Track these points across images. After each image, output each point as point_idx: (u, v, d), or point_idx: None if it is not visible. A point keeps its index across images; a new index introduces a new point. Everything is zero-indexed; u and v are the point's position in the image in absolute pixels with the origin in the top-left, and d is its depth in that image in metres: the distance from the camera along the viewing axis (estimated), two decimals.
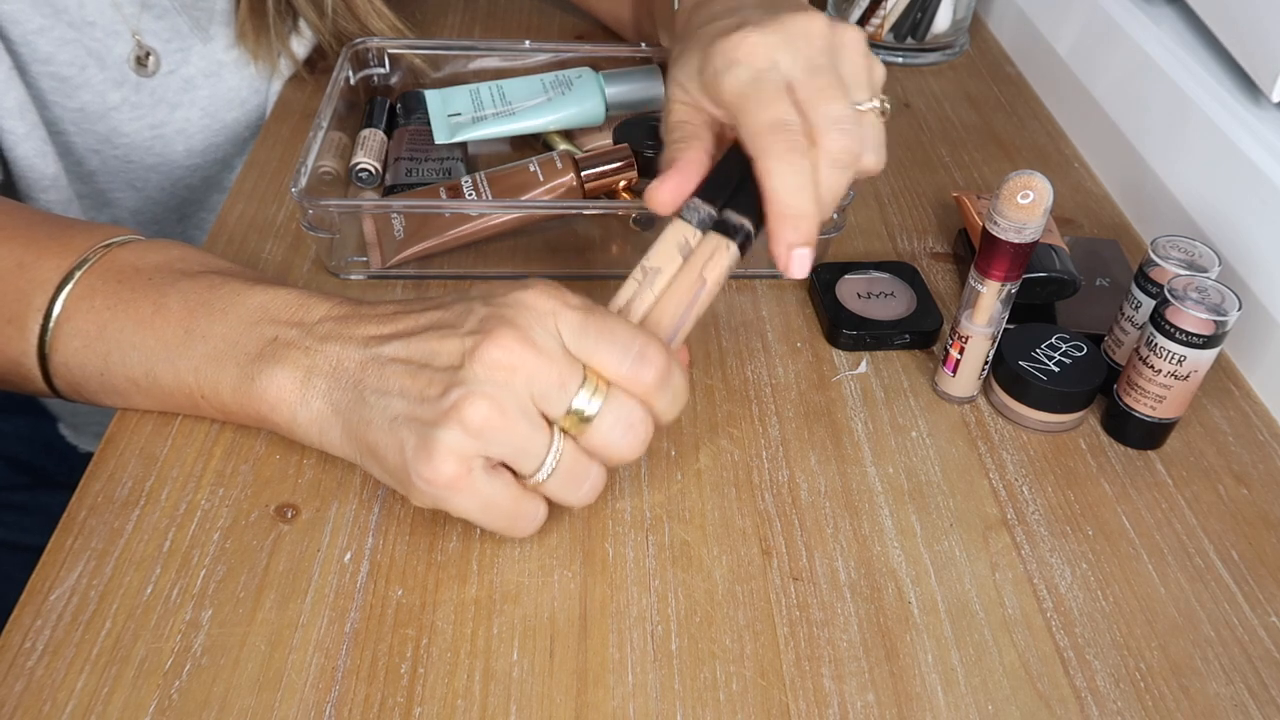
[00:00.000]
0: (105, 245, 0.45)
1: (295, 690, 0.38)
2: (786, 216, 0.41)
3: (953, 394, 0.52)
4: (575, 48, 0.70)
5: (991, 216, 0.46)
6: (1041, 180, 0.45)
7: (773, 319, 0.56)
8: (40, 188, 0.63)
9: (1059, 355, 0.50)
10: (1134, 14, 0.70)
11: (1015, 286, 0.48)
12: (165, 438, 0.47)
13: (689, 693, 0.39)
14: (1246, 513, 0.48)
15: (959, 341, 0.50)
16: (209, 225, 0.61)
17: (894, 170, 0.70)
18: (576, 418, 0.39)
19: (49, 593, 0.40)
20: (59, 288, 0.44)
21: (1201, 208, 0.60)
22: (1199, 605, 0.44)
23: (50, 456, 0.73)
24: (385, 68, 0.70)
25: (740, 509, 0.46)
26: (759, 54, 0.42)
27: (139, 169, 0.68)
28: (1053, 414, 0.50)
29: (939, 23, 0.82)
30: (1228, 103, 0.60)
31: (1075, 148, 0.74)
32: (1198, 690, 0.41)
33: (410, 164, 0.62)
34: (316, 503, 0.45)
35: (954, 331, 0.51)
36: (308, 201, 0.53)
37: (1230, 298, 0.47)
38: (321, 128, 0.58)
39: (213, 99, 0.69)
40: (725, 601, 0.42)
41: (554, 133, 0.66)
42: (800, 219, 0.41)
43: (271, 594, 0.41)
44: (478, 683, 0.39)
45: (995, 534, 0.46)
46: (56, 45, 0.60)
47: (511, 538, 0.43)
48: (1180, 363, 0.47)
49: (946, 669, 0.40)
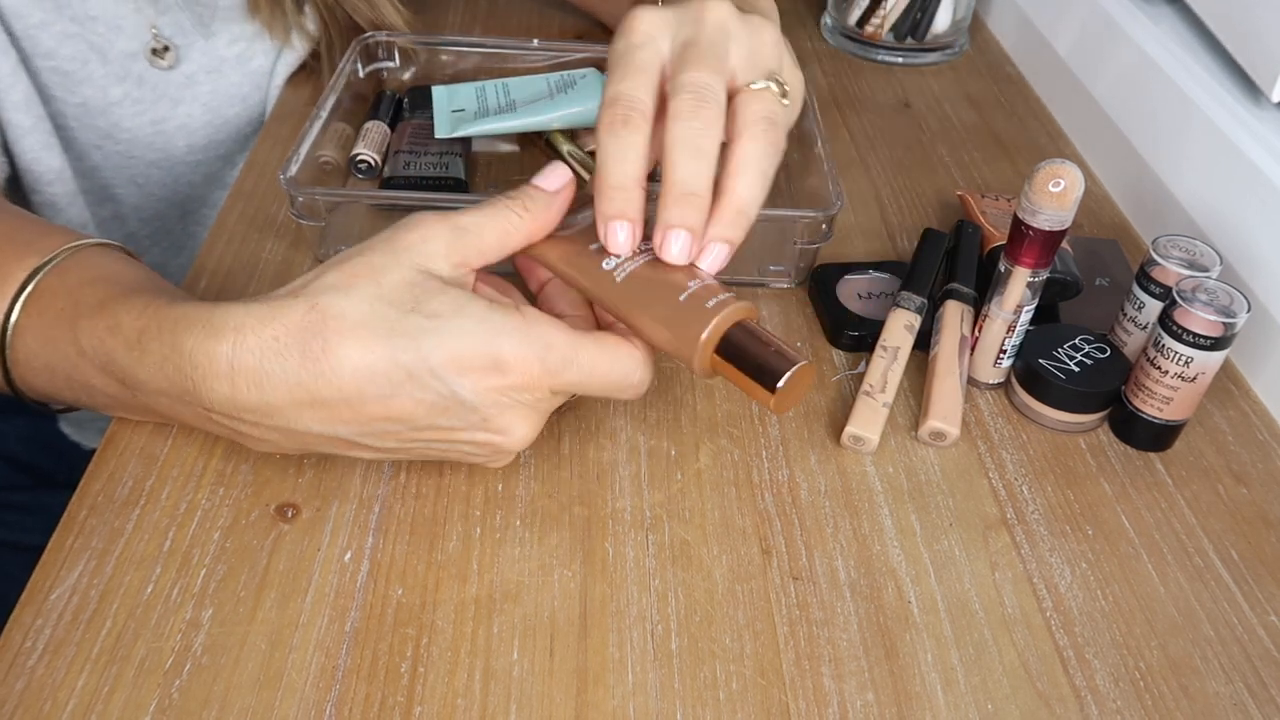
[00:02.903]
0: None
1: (295, 689, 0.38)
2: (605, 188, 0.40)
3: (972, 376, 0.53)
4: (586, 48, 0.70)
5: (1023, 204, 0.47)
6: (1072, 168, 0.46)
7: (773, 319, 0.56)
8: (45, 181, 0.63)
9: (1080, 356, 0.51)
10: (1134, 14, 0.70)
11: (1044, 275, 0.49)
12: (166, 437, 0.47)
13: (689, 692, 0.39)
14: (1246, 512, 0.48)
15: (981, 320, 0.51)
16: (210, 221, 0.61)
17: (894, 170, 0.70)
18: None
19: (50, 592, 0.40)
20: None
21: (1201, 208, 0.60)
22: (1198, 605, 0.44)
23: (51, 456, 0.73)
24: (395, 61, 0.70)
25: (740, 508, 0.46)
26: (639, 28, 0.42)
27: (140, 164, 0.68)
28: (1071, 414, 0.50)
29: (939, 23, 0.82)
30: (1228, 103, 0.60)
31: (1075, 148, 0.74)
32: (1197, 689, 0.41)
33: (410, 157, 0.62)
34: (317, 502, 0.45)
35: (978, 312, 0.52)
36: (294, 189, 0.53)
37: (1239, 299, 0.47)
38: (320, 117, 0.58)
39: (214, 95, 0.69)
40: (725, 601, 0.42)
41: (556, 131, 0.66)
42: (616, 190, 0.40)
43: (272, 593, 0.41)
44: (478, 682, 0.39)
45: (995, 533, 0.46)
46: (59, 40, 0.60)
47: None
48: (1188, 364, 0.47)
49: (946, 668, 0.40)
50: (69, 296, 0.43)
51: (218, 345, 0.38)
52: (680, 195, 0.40)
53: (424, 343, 0.38)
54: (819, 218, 0.55)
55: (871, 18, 0.82)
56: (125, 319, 0.41)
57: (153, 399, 0.41)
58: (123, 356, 0.41)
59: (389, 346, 0.38)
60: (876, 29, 0.83)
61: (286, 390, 0.38)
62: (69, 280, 0.44)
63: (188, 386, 0.39)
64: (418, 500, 0.45)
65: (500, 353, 0.38)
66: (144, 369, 0.40)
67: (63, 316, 0.43)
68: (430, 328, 0.38)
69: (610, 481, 0.47)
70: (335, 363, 0.38)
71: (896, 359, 0.51)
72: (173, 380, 0.40)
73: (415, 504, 0.45)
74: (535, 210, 0.42)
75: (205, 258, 0.57)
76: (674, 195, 0.40)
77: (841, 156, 0.71)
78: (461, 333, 0.38)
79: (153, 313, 0.41)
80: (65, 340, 0.42)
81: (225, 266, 0.57)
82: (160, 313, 0.41)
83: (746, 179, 0.41)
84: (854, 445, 0.49)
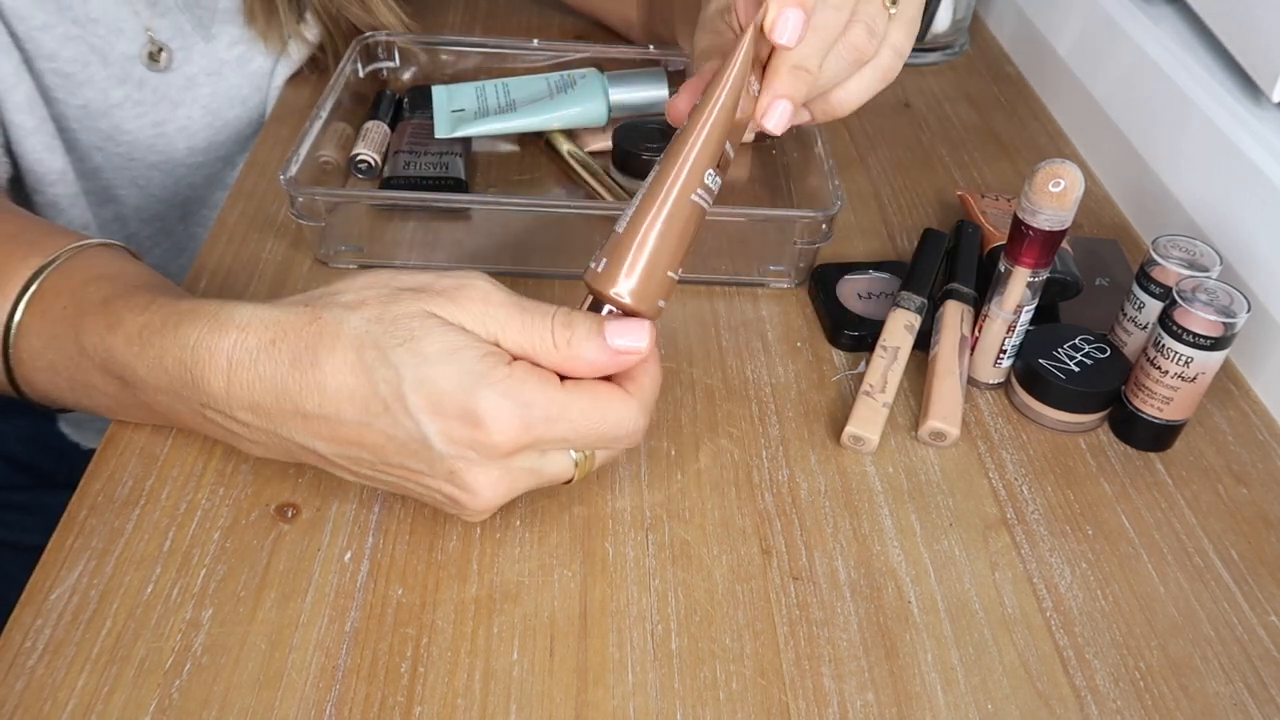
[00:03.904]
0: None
1: (295, 689, 0.38)
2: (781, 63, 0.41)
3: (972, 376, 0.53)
4: (586, 48, 0.70)
5: (1023, 204, 0.47)
6: (1072, 168, 0.46)
7: (773, 319, 0.56)
8: (48, 181, 0.63)
9: (1080, 356, 0.51)
10: (1134, 14, 0.70)
11: (1044, 275, 0.49)
12: (166, 437, 0.47)
13: (689, 692, 0.39)
14: (1246, 512, 0.48)
15: (981, 320, 0.51)
16: (211, 222, 0.61)
17: (894, 170, 0.70)
18: (583, 465, 0.41)
19: (50, 592, 0.40)
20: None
21: (1201, 208, 0.60)
22: (1198, 605, 0.44)
23: (51, 456, 0.73)
24: (395, 61, 0.70)
25: (740, 508, 0.46)
26: None
27: (141, 166, 0.68)
28: (1071, 414, 0.50)
29: (939, 23, 0.82)
30: (1228, 103, 0.60)
31: (1075, 148, 0.74)
32: (1197, 689, 0.41)
33: (409, 157, 0.63)
34: (317, 502, 0.45)
35: (978, 312, 0.52)
36: (294, 189, 0.53)
37: (1239, 299, 0.47)
38: (320, 118, 0.58)
39: (214, 97, 0.69)
40: (725, 601, 0.42)
41: (556, 131, 0.66)
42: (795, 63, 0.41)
43: (272, 593, 0.41)
44: (478, 682, 0.39)
45: (995, 533, 0.46)
46: (60, 42, 0.60)
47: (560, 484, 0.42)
48: (1188, 364, 0.47)
49: (946, 668, 0.40)
50: (72, 296, 0.43)
51: (221, 340, 0.39)
52: (794, 68, 0.41)
53: (406, 379, 0.37)
54: (819, 218, 0.55)
55: None
56: (127, 316, 0.41)
57: (151, 396, 0.41)
58: (122, 352, 0.41)
59: (372, 375, 0.37)
60: None
61: (274, 396, 0.38)
62: (72, 280, 0.44)
63: (186, 380, 0.39)
64: (418, 500, 0.45)
65: (477, 404, 0.37)
66: (143, 364, 0.40)
67: (65, 316, 0.43)
68: (416, 365, 0.37)
69: (610, 481, 0.47)
70: (320, 377, 0.38)
71: (896, 359, 0.51)
72: (172, 374, 0.40)
73: (415, 504, 0.45)
74: (574, 350, 0.39)
75: (205, 257, 0.57)
76: (788, 66, 0.41)
77: (841, 156, 0.71)
78: (443, 377, 0.37)
79: (156, 308, 0.41)
80: (67, 339, 0.42)
81: (225, 266, 0.57)
82: (165, 308, 0.41)
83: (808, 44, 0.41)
84: (854, 445, 0.49)
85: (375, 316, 0.38)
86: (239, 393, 0.39)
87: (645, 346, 0.39)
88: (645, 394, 0.40)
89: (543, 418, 0.38)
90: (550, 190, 0.65)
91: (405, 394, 0.37)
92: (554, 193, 0.65)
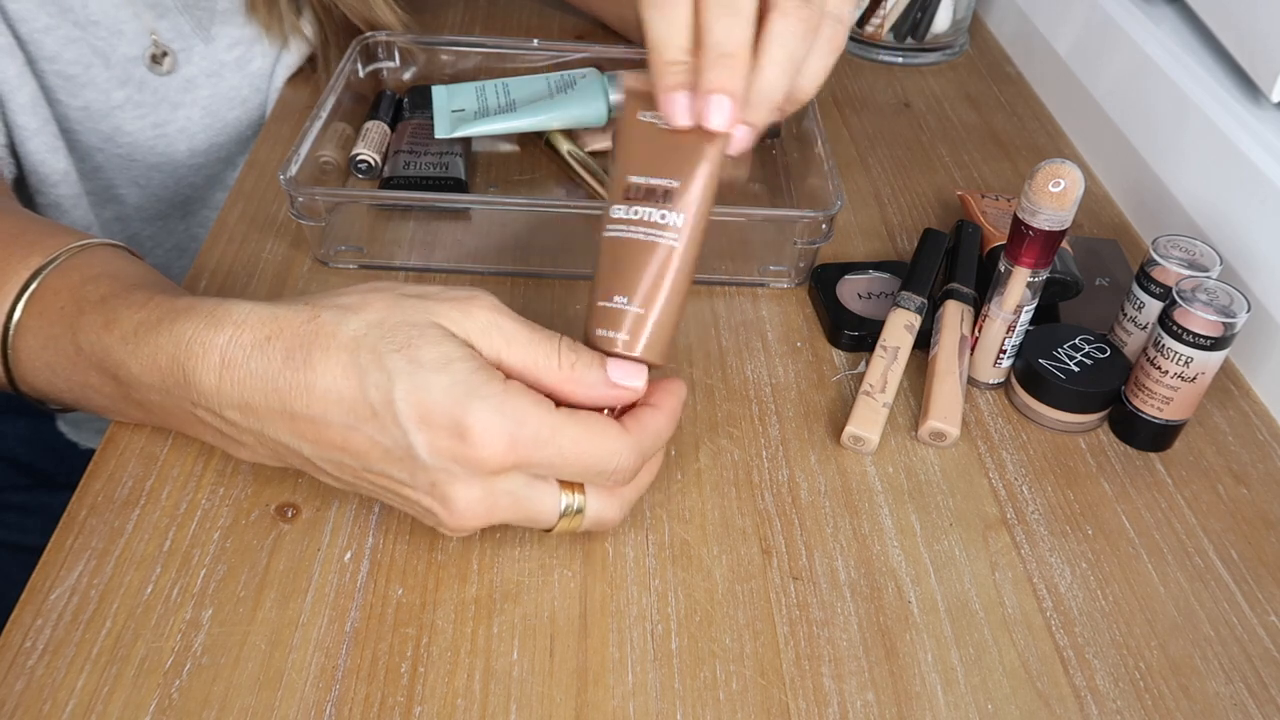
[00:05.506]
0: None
1: (295, 689, 0.38)
2: (660, 64, 0.39)
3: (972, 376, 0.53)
4: (586, 48, 0.70)
5: (1023, 204, 0.47)
6: (1072, 168, 0.46)
7: (773, 319, 0.56)
8: (51, 182, 0.63)
9: (1080, 356, 0.51)
10: (1134, 14, 0.70)
11: (1044, 275, 0.49)
12: (165, 438, 0.47)
13: (689, 692, 0.39)
14: (1246, 512, 0.48)
15: (981, 320, 0.51)
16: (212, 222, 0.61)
17: (894, 170, 0.70)
18: (568, 518, 0.40)
19: (49, 592, 0.40)
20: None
21: (1201, 208, 0.60)
22: (1198, 605, 0.44)
23: (50, 457, 0.73)
24: (395, 61, 0.70)
25: (740, 508, 0.46)
26: None
27: (142, 167, 0.69)
28: (1071, 414, 0.50)
29: (939, 23, 0.82)
30: (1228, 103, 0.60)
31: (1075, 148, 0.74)
32: (1197, 689, 0.41)
33: (409, 157, 0.63)
34: (317, 502, 0.45)
35: (978, 312, 0.52)
36: (294, 189, 0.53)
37: (1239, 300, 0.47)
38: (320, 118, 0.58)
39: (214, 98, 0.69)
40: (725, 601, 0.42)
41: (556, 131, 0.66)
42: (670, 65, 0.39)
43: (272, 593, 0.41)
44: (478, 682, 0.39)
45: (995, 533, 0.46)
46: (62, 44, 0.60)
47: (533, 527, 0.42)
48: (1188, 364, 0.47)
49: (946, 668, 0.40)
50: (71, 295, 0.43)
51: (216, 336, 0.38)
52: (717, 57, 0.38)
53: (397, 386, 0.36)
54: (819, 217, 0.55)
55: (871, 17, 0.82)
56: (124, 313, 0.41)
57: (144, 395, 0.41)
58: (117, 350, 0.41)
59: (363, 379, 0.37)
60: (877, 29, 0.83)
61: (263, 394, 0.38)
62: (71, 279, 0.44)
63: (178, 377, 0.39)
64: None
65: (466, 417, 0.36)
66: (136, 361, 0.40)
67: (64, 315, 0.43)
68: (408, 372, 0.36)
69: None
70: (311, 377, 0.37)
71: (896, 359, 0.51)
72: (164, 371, 0.39)
73: None
74: (577, 374, 0.38)
75: (206, 257, 0.57)
76: (710, 57, 0.38)
77: (841, 156, 0.71)
78: (435, 387, 0.36)
79: (153, 306, 0.41)
80: (65, 338, 0.42)
81: (226, 266, 0.57)
82: (162, 305, 0.41)
83: (769, 55, 0.38)
84: (854, 445, 0.49)
85: (376, 321, 0.38)
86: (229, 390, 0.38)
87: (641, 386, 0.40)
88: (645, 435, 0.39)
89: (532, 438, 0.37)
90: (550, 190, 0.65)
91: (395, 401, 0.36)
92: (554, 193, 0.65)
